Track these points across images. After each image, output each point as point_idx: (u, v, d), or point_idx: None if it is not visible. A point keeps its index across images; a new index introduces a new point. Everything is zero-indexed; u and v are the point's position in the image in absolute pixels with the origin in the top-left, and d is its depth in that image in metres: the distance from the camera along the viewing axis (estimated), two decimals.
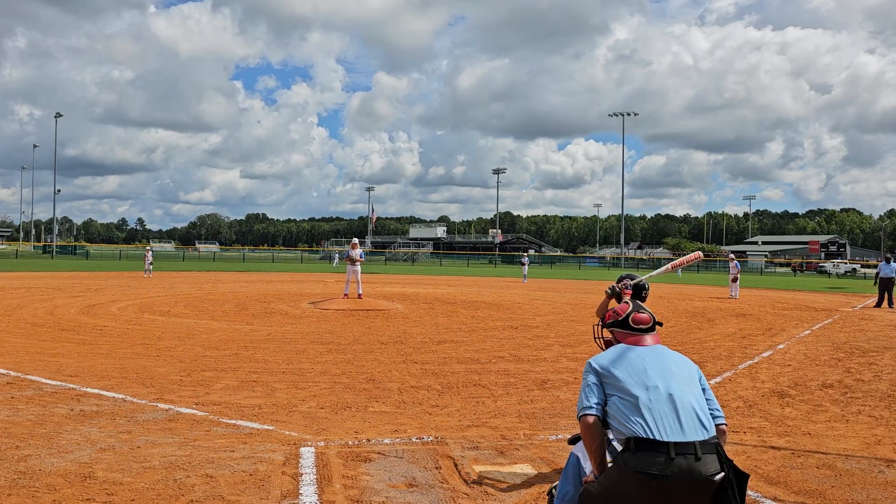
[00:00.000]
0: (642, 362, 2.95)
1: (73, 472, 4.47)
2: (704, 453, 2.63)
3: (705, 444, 2.66)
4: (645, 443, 2.66)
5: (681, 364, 3.00)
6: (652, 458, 2.62)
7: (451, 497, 4.24)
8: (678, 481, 2.58)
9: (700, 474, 2.59)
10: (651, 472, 2.60)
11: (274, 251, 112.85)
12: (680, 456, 2.60)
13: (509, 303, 20.73)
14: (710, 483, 2.59)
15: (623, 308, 3.25)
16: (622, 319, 3.22)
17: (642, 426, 2.71)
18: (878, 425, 6.36)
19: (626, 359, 2.98)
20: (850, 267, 70.71)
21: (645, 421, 2.72)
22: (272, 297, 20.06)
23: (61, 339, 10.88)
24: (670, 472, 2.58)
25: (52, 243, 79.31)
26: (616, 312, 3.26)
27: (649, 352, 3.03)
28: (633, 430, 2.72)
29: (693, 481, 2.58)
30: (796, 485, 4.65)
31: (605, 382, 2.94)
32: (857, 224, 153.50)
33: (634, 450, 2.67)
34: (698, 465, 2.60)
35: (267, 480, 4.42)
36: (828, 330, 14.65)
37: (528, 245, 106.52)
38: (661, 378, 2.86)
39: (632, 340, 3.14)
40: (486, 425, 6.06)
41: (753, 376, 8.84)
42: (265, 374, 8.24)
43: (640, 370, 2.91)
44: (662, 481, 2.58)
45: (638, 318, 3.18)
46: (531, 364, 9.47)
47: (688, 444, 2.63)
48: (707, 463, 2.61)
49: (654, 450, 2.64)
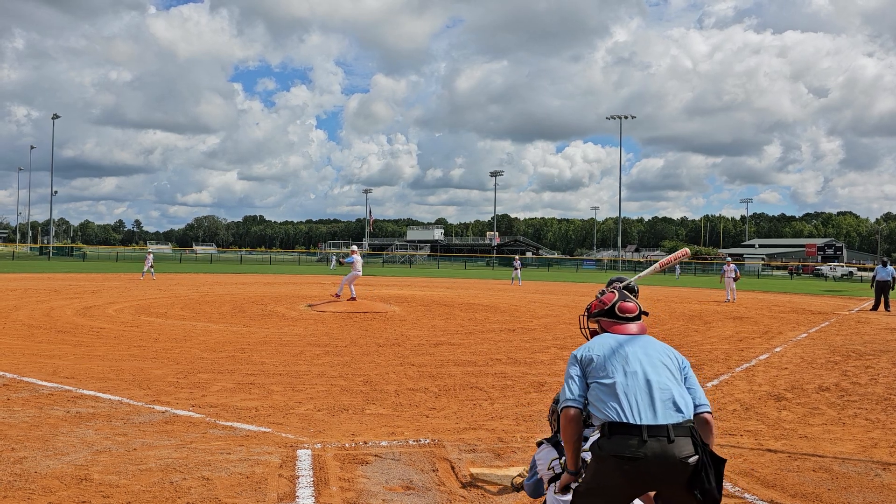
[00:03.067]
0: (624, 349, 2.95)
1: (69, 474, 4.46)
2: (678, 436, 2.62)
3: (679, 427, 2.66)
4: (619, 426, 2.68)
5: (662, 352, 2.98)
6: (625, 440, 2.63)
7: (447, 499, 4.24)
8: (651, 464, 2.58)
9: (673, 456, 2.58)
10: (624, 455, 2.61)
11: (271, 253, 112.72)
12: (652, 438, 2.61)
13: (506, 305, 20.73)
14: (685, 465, 2.59)
15: (609, 297, 3.25)
16: (608, 308, 3.21)
17: (617, 410, 2.72)
18: (874, 428, 6.37)
19: (608, 346, 2.97)
20: (846, 270, 70.75)
21: (619, 405, 2.73)
22: (269, 300, 20.04)
23: (58, 340, 10.86)
24: (643, 454, 2.58)
25: (48, 245, 79.16)
26: (602, 302, 3.25)
27: (632, 339, 3.03)
28: (608, 414, 2.73)
29: (666, 464, 2.58)
30: (792, 488, 4.65)
31: (586, 371, 2.92)
32: (854, 227, 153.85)
33: (609, 434, 2.69)
34: (671, 447, 2.59)
35: (263, 483, 4.42)
36: (824, 333, 14.67)
37: (524, 248, 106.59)
38: (640, 364, 2.86)
39: (617, 329, 3.12)
40: (483, 428, 6.06)
41: (750, 379, 8.85)
42: (262, 376, 8.23)
43: (622, 356, 2.90)
44: (636, 464, 2.59)
45: (624, 306, 3.17)
46: (528, 366, 9.47)
47: (660, 427, 2.64)
48: (680, 445, 2.61)
49: (627, 433, 2.65)
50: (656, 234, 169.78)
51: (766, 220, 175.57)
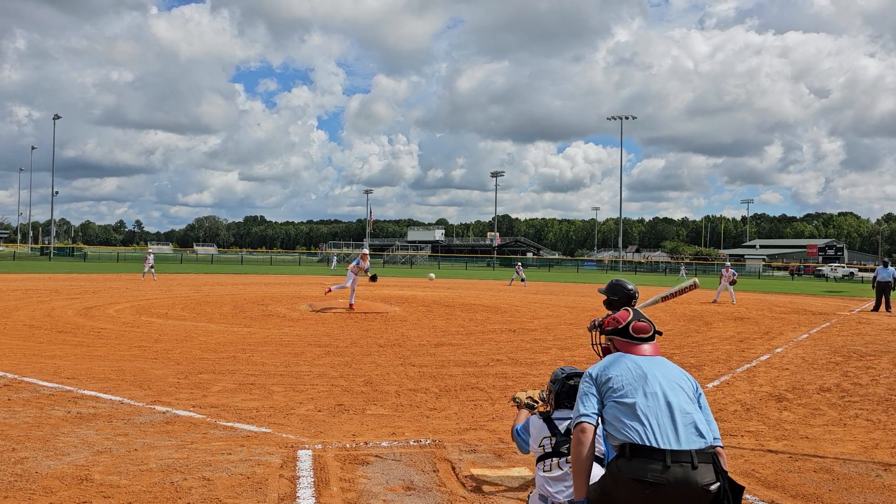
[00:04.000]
0: (641, 370, 2.87)
1: (70, 474, 4.46)
2: (701, 462, 2.57)
3: (702, 454, 2.60)
4: (640, 449, 2.60)
5: (679, 376, 2.92)
6: (647, 464, 2.56)
7: (448, 500, 4.24)
8: (673, 490, 2.52)
9: (695, 483, 2.53)
10: (646, 480, 2.54)
11: (272, 254, 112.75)
12: (676, 464, 2.55)
13: (507, 306, 20.73)
14: (706, 493, 2.54)
15: (623, 316, 3.15)
16: (622, 328, 3.12)
17: (638, 432, 2.64)
18: (875, 429, 6.37)
19: (625, 366, 2.89)
20: (847, 271, 70.77)
21: (642, 426, 2.65)
22: (270, 300, 20.05)
23: (58, 341, 10.86)
24: (665, 481, 2.52)
25: (49, 245, 79.20)
26: (616, 320, 3.16)
27: (648, 361, 2.95)
28: (629, 435, 2.65)
29: (688, 491, 2.53)
30: (793, 489, 4.65)
31: (602, 391, 2.84)
32: (855, 228, 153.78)
33: (629, 456, 2.61)
34: (694, 474, 2.54)
35: (264, 483, 4.41)
36: (825, 334, 14.66)
37: (525, 248, 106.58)
38: (659, 385, 2.79)
39: (631, 349, 3.04)
40: (484, 428, 6.05)
41: (751, 380, 8.84)
42: (263, 376, 8.23)
43: (640, 376, 2.82)
44: (657, 489, 2.52)
45: (638, 326, 3.09)
46: (529, 367, 9.47)
47: (684, 453, 2.58)
48: (703, 472, 2.56)
49: (649, 456, 2.57)
50: (657, 234, 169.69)
51: (767, 220, 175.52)
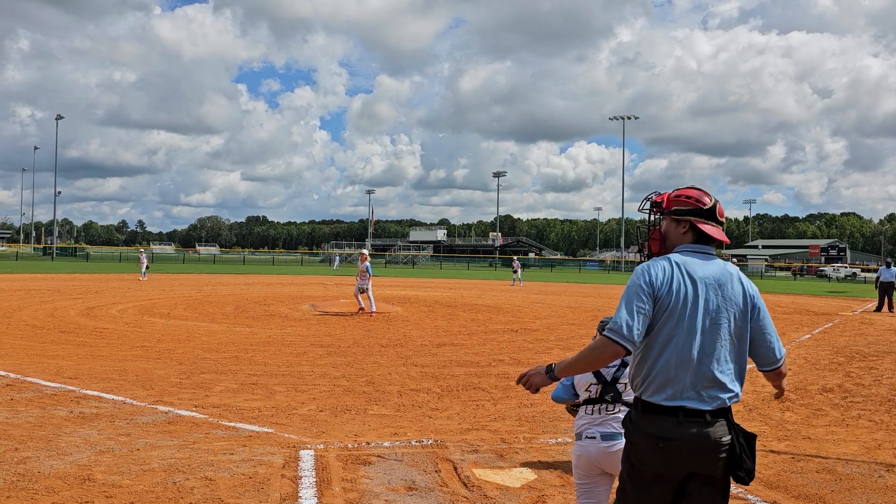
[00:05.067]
0: (700, 298, 2.51)
1: (73, 474, 4.47)
2: (713, 418, 2.54)
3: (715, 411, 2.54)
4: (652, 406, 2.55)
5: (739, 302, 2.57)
6: (659, 421, 2.53)
7: (450, 500, 4.24)
8: (686, 444, 2.51)
9: (708, 438, 2.51)
10: (658, 435, 2.51)
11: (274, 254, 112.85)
12: (688, 420, 2.52)
13: (509, 306, 20.72)
14: (718, 445, 2.53)
15: (697, 193, 2.66)
16: (708, 209, 2.61)
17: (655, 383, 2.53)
18: (878, 430, 6.36)
19: (687, 286, 2.50)
20: (850, 271, 70.62)
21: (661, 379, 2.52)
22: (272, 300, 20.06)
23: (61, 341, 10.88)
24: (678, 436, 2.50)
25: (52, 245, 79.34)
26: (691, 197, 2.64)
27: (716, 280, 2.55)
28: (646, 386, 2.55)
29: (700, 445, 2.52)
30: (796, 489, 4.64)
31: (655, 303, 2.49)
32: (858, 228, 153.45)
33: (643, 411, 2.57)
34: (708, 430, 2.52)
35: (266, 483, 4.42)
36: (828, 334, 14.64)
37: (527, 248, 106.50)
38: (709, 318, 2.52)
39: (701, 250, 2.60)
40: (486, 428, 6.05)
41: (753, 380, 8.82)
42: (265, 376, 8.24)
43: (695, 308, 2.49)
44: (669, 444, 2.51)
45: (722, 210, 2.67)
46: (531, 367, 9.46)
47: (698, 412, 2.52)
48: (716, 428, 2.53)
49: (661, 413, 2.53)
50: None
51: (770, 220, 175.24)
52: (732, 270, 2.61)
